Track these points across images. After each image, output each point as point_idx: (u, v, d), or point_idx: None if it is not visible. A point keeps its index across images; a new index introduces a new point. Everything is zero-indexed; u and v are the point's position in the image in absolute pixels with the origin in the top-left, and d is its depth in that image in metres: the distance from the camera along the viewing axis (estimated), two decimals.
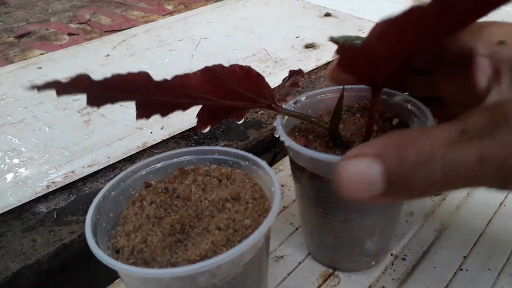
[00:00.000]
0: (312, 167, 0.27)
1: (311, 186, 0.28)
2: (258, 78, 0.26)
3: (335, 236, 0.30)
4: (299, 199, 0.31)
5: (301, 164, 0.27)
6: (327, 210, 0.28)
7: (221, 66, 0.23)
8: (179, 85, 0.23)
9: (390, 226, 0.31)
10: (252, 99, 0.26)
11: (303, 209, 0.31)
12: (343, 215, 0.28)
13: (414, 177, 0.19)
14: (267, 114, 0.50)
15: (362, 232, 0.29)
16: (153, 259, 0.22)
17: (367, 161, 0.19)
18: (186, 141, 0.47)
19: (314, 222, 0.30)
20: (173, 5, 0.87)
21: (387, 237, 0.32)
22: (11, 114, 0.52)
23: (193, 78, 0.23)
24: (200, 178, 0.27)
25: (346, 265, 0.32)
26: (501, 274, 0.31)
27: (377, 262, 0.32)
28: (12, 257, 0.34)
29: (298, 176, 0.29)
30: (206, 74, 0.23)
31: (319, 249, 0.32)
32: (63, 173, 0.42)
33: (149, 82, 0.21)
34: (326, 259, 0.32)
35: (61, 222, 0.37)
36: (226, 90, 0.25)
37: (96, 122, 0.50)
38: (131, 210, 0.25)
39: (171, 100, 0.25)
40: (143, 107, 0.26)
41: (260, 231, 0.21)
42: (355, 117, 0.31)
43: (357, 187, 0.19)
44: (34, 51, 0.69)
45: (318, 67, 0.60)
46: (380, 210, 0.28)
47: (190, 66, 0.61)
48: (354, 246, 0.30)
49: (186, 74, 0.23)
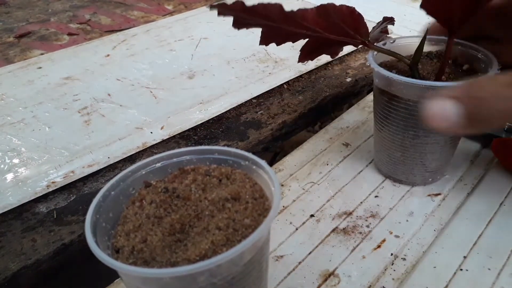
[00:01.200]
0: (392, 89, 0.34)
1: (389, 107, 0.35)
2: (359, 18, 0.32)
3: (404, 151, 0.37)
4: (377, 120, 0.38)
5: (383, 87, 0.35)
6: (400, 127, 0.36)
7: (333, 4, 0.30)
8: (300, 16, 0.30)
9: (449, 147, 0.37)
10: (351, 35, 0.33)
11: (379, 128, 0.38)
12: (412, 132, 0.35)
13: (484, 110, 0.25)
14: (267, 114, 0.50)
15: (426, 148, 0.36)
16: (153, 258, 0.22)
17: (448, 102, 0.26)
18: (186, 141, 0.47)
19: (387, 139, 0.37)
20: (173, 5, 0.87)
21: (446, 158, 0.38)
22: (11, 114, 0.52)
23: (310, 12, 0.30)
24: (200, 177, 0.27)
25: (409, 178, 0.39)
26: (501, 274, 0.31)
27: (434, 180, 0.39)
28: (12, 257, 0.34)
29: (379, 99, 0.37)
30: (320, 10, 0.30)
31: (388, 163, 0.39)
32: (63, 173, 0.42)
33: (281, 11, 0.28)
34: (392, 173, 0.39)
35: (61, 222, 0.37)
36: (332, 25, 0.32)
37: (96, 122, 0.50)
38: (131, 209, 0.25)
39: (290, 29, 0.32)
40: (266, 35, 0.33)
41: (260, 230, 0.21)
42: (433, 62, 0.38)
43: (441, 120, 0.26)
44: (34, 51, 0.69)
45: (318, 67, 0.60)
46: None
47: (190, 66, 0.61)
48: (417, 161, 0.37)
49: (305, 9, 0.30)
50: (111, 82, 0.58)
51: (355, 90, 0.57)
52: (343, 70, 0.60)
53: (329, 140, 0.46)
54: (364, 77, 0.58)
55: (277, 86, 0.56)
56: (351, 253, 0.33)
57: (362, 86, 0.58)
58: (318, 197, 0.39)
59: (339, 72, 0.60)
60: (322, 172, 0.42)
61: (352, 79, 0.58)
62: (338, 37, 0.33)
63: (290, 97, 0.54)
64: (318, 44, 0.36)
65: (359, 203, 0.38)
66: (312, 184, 0.40)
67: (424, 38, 0.35)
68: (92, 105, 0.53)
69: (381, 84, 0.35)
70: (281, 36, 0.34)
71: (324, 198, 0.39)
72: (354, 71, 0.60)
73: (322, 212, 0.37)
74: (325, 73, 0.60)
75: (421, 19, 0.37)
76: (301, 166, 0.43)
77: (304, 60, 0.38)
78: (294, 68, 0.60)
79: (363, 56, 0.64)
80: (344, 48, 0.39)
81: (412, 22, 0.71)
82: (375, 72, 0.35)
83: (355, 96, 0.57)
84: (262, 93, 0.55)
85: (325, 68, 0.61)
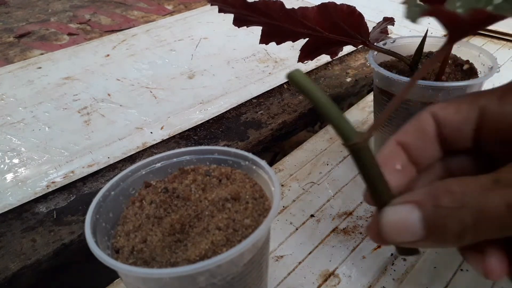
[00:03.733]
0: (392, 89, 0.34)
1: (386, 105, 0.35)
2: (359, 18, 0.32)
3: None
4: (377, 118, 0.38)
5: (383, 87, 0.35)
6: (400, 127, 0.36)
7: (334, 3, 0.30)
8: (301, 14, 0.30)
9: None
10: (351, 35, 0.33)
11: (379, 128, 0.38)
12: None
13: (447, 223, 0.20)
14: (267, 114, 0.50)
15: None
16: (153, 259, 0.22)
17: (408, 208, 0.20)
18: (186, 141, 0.47)
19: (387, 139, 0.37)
20: (173, 5, 0.87)
21: None
22: (11, 114, 0.52)
23: (311, 11, 0.30)
24: (200, 177, 0.27)
25: None
26: None
27: None
28: (12, 257, 0.34)
29: (379, 99, 0.37)
30: (321, 8, 0.30)
31: None
32: (63, 173, 0.42)
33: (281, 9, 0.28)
34: None
35: (61, 222, 0.37)
36: (333, 25, 0.32)
37: (96, 122, 0.50)
38: (131, 210, 0.25)
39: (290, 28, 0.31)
40: (266, 33, 0.33)
41: (260, 231, 0.21)
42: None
43: (399, 231, 0.21)
44: (34, 51, 0.69)
45: (318, 67, 0.60)
46: None
47: (190, 66, 0.61)
48: None
49: (306, 7, 0.30)
50: (111, 82, 0.58)
51: (355, 90, 0.57)
52: (343, 70, 0.60)
53: (329, 140, 0.46)
54: (364, 77, 0.58)
55: (277, 86, 0.56)
56: (351, 253, 0.33)
57: (362, 86, 0.58)
58: (318, 197, 0.39)
59: (339, 72, 0.60)
60: (322, 172, 0.42)
61: (352, 79, 0.58)
62: (338, 37, 0.33)
63: (290, 97, 0.54)
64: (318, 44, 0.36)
65: (359, 203, 0.38)
66: (312, 184, 0.40)
67: (424, 38, 0.35)
68: (92, 105, 0.53)
69: (381, 84, 0.36)
70: (281, 35, 0.34)
71: (324, 198, 0.39)
72: (354, 71, 0.60)
73: (322, 212, 0.37)
74: (325, 73, 0.60)
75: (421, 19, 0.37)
76: (301, 166, 0.43)
77: (304, 60, 0.38)
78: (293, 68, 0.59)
79: (363, 56, 0.64)
80: (344, 48, 0.39)
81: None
82: (375, 72, 0.35)
83: (355, 96, 0.57)
84: (262, 93, 0.55)
85: (325, 68, 0.61)
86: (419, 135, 0.25)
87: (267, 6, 0.28)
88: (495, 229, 0.19)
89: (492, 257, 0.21)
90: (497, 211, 0.19)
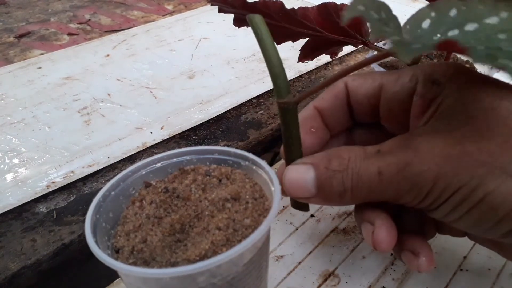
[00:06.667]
0: None
1: None
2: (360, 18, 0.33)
3: None
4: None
5: None
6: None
7: (334, 3, 0.30)
8: (301, 14, 0.30)
9: None
10: (351, 35, 0.33)
11: None
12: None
13: (332, 183, 0.22)
14: (267, 114, 0.50)
15: None
16: (153, 259, 0.22)
17: (305, 168, 0.23)
18: (186, 141, 0.47)
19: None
20: (173, 5, 0.87)
21: None
22: (11, 114, 0.52)
23: (311, 11, 0.30)
24: (200, 177, 0.27)
25: None
26: (501, 274, 0.31)
27: None
28: (12, 257, 0.34)
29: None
30: (321, 8, 0.30)
31: None
32: (63, 173, 0.42)
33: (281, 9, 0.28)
34: None
35: (61, 222, 0.37)
36: (333, 25, 0.32)
37: (96, 122, 0.50)
38: (131, 209, 0.25)
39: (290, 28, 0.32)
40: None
41: (260, 231, 0.21)
42: (433, 62, 0.38)
43: (296, 188, 0.24)
44: (34, 51, 0.69)
45: (318, 67, 0.60)
46: None
47: (190, 66, 0.61)
48: None
49: (306, 7, 0.30)
50: (111, 82, 0.58)
51: None
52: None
53: None
54: None
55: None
56: (351, 253, 0.33)
57: None
58: None
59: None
60: None
61: None
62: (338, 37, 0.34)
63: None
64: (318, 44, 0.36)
65: None
66: None
67: None
68: (92, 105, 0.53)
69: None
70: (281, 35, 0.34)
71: None
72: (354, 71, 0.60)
73: (322, 212, 0.37)
74: (325, 73, 0.60)
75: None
76: None
77: (304, 60, 0.38)
78: (294, 68, 0.60)
79: (363, 56, 0.64)
80: (344, 48, 0.39)
81: None
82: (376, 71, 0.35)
83: None
84: (262, 93, 0.55)
85: (325, 68, 0.61)
86: (333, 102, 0.28)
87: (267, 6, 0.28)
88: (367, 192, 0.22)
89: (380, 229, 0.23)
90: (370, 177, 0.21)
